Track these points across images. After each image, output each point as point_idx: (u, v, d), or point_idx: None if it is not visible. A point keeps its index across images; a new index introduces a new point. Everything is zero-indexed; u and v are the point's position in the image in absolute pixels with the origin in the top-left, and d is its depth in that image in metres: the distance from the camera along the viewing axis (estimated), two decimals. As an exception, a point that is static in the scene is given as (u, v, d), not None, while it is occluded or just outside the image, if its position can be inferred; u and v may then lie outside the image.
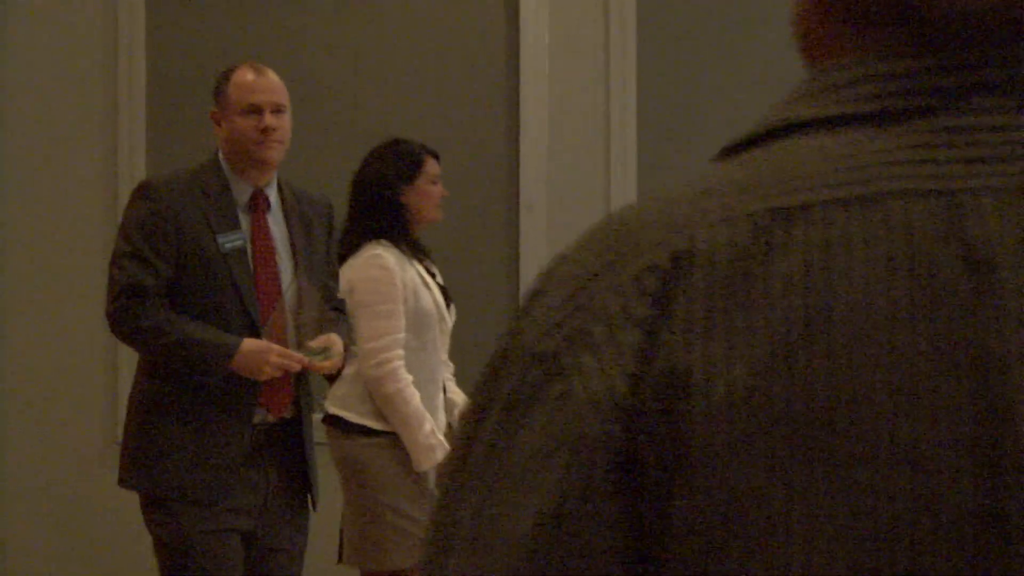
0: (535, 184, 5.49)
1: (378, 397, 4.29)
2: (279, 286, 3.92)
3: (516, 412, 0.84)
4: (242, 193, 3.96)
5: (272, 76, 4.04)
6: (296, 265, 3.97)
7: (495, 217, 5.53)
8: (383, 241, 4.35)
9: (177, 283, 3.83)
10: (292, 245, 3.98)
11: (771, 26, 5.56)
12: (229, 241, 3.84)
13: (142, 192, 3.88)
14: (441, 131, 5.40)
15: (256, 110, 3.94)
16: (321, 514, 4.15)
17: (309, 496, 4.02)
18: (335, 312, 4.12)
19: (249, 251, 3.89)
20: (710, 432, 0.80)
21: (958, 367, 0.80)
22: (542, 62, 5.54)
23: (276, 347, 3.83)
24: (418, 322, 4.36)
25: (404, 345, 4.31)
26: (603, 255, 0.85)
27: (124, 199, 4.40)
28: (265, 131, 3.92)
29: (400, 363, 4.29)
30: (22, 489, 5.85)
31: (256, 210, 3.95)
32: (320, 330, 3.96)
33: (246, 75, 4.01)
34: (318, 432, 4.12)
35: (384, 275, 4.30)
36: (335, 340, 3.97)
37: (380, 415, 4.30)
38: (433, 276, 4.48)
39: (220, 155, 3.99)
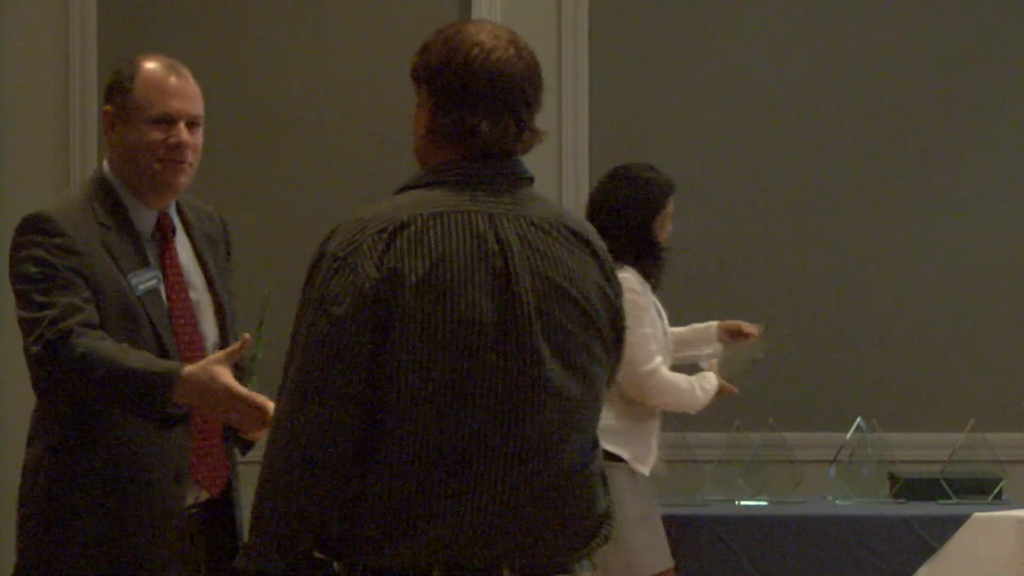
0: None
1: (658, 406, 4.45)
2: (197, 328, 3.12)
3: (326, 280, 2.30)
4: (145, 221, 3.11)
5: (192, 79, 3.16)
6: (216, 301, 3.18)
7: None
8: (625, 266, 4.35)
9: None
10: (206, 275, 3.18)
11: (720, 36, 5.58)
12: (143, 282, 3.05)
13: (38, 226, 3.02)
14: (395, 146, 5.40)
15: (169, 120, 3.08)
16: None
17: None
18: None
19: (163, 290, 3.07)
20: (408, 296, 2.27)
21: (496, 276, 2.33)
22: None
23: (227, 373, 2.90)
24: (662, 349, 4.47)
25: None
26: (360, 223, 2.32)
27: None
28: (177, 149, 3.08)
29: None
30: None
31: (164, 240, 3.13)
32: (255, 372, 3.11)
33: (162, 74, 3.10)
34: None
35: (638, 299, 4.34)
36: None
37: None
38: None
39: (107, 170, 3.15)
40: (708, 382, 4.50)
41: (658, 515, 4.41)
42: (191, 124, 3.08)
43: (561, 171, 5.55)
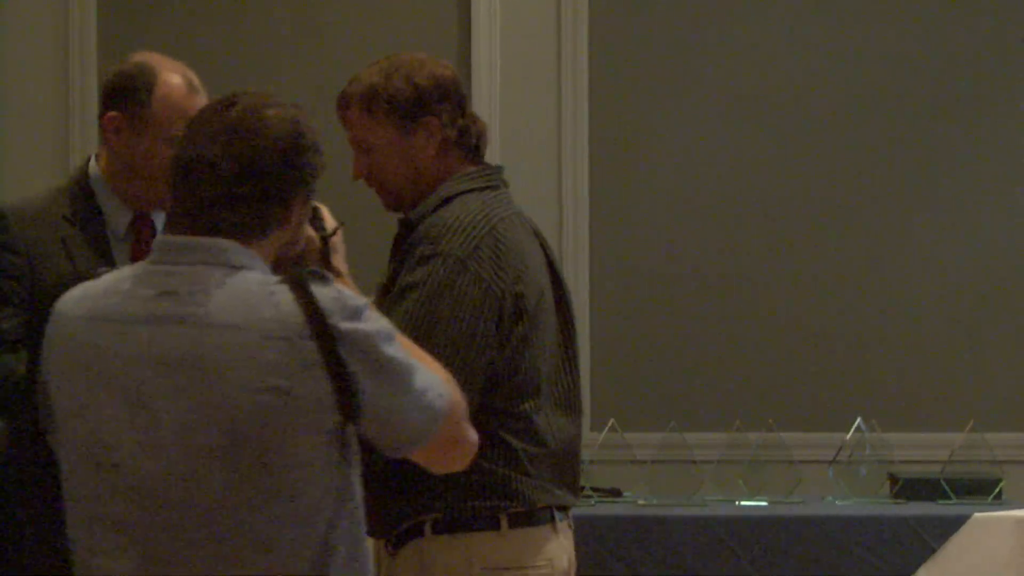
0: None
1: None
2: None
3: (451, 277, 2.72)
4: (118, 219, 3.04)
5: (203, 91, 3.05)
6: None
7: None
8: None
9: (31, 332, 2.79)
10: None
11: (720, 37, 5.58)
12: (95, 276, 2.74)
13: None
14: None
15: None
16: None
17: None
18: None
19: None
20: (521, 292, 2.77)
21: (549, 270, 2.90)
22: (494, 91, 5.55)
23: None
24: None
25: None
26: (463, 225, 2.76)
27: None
28: None
29: None
30: None
31: (137, 239, 3.03)
32: None
33: (185, 94, 3.00)
34: None
35: None
36: None
37: None
38: None
39: (94, 169, 3.09)
40: None
41: None
42: None
43: (560, 172, 5.55)
